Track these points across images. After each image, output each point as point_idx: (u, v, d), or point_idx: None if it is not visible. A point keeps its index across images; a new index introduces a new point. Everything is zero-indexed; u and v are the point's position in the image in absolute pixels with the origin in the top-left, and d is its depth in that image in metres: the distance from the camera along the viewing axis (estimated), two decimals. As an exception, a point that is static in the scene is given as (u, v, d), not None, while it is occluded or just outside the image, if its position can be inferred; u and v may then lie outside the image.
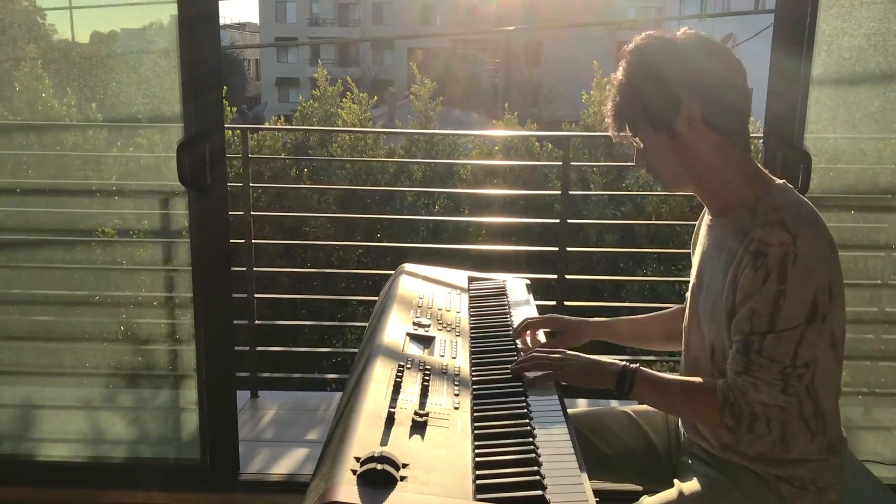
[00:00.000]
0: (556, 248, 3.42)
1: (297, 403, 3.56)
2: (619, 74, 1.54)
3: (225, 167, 2.56)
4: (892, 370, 2.87)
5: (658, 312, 1.93)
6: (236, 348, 3.32)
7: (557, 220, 3.41)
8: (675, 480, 1.61)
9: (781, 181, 1.54)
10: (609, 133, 1.59)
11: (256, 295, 3.58)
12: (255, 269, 3.55)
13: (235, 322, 4.10)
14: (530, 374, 1.60)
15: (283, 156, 6.25)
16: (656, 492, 1.63)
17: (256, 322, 3.62)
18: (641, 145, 1.57)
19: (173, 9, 2.40)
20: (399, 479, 1.18)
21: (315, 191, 6.35)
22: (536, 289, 2.34)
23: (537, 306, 2.13)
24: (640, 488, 1.88)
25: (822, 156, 2.50)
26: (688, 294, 1.68)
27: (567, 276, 3.41)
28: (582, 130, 7.20)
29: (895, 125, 2.55)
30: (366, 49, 46.35)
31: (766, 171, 1.56)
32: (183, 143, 2.44)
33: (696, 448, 1.66)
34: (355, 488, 1.15)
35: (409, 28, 43.60)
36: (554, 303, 3.42)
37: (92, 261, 2.73)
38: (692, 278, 1.68)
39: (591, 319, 1.96)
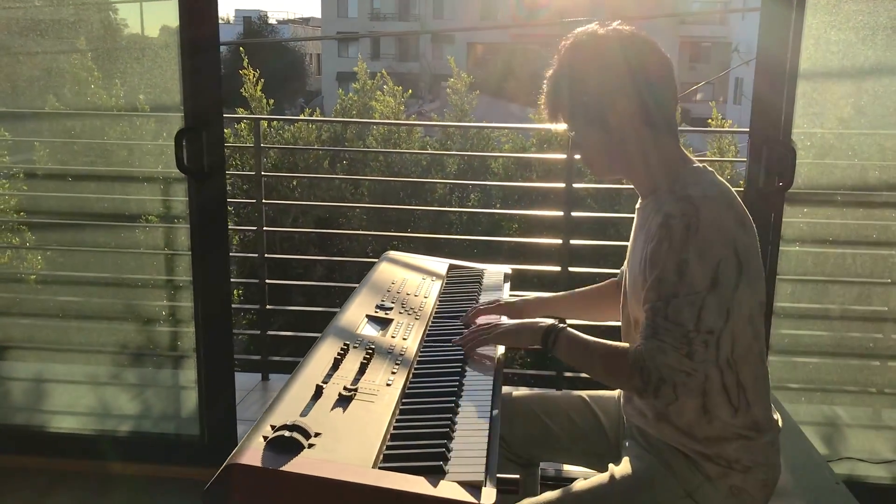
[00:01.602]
0: (561, 241, 3.44)
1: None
2: (554, 68, 1.61)
3: (223, 155, 2.66)
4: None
5: (595, 286, 1.99)
6: (249, 332, 3.44)
7: (562, 213, 3.43)
8: (610, 465, 1.65)
9: (702, 164, 1.60)
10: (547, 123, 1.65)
11: (268, 280, 3.69)
12: (266, 255, 3.66)
13: (248, 306, 4.22)
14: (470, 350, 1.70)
15: (302, 144, 6.35)
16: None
17: (267, 307, 3.73)
18: (574, 135, 1.63)
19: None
20: (307, 446, 1.24)
21: (349, 182, 6.46)
22: (543, 280, 2.39)
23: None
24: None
25: (810, 151, 2.48)
26: (623, 272, 1.73)
27: (571, 269, 3.43)
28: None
29: (885, 120, 2.51)
30: (426, 44, 46.52)
31: (691, 156, 1.62)
32: (181, 132, 2.55)
33: (634, 430, 1.70)
34: (261, 453, 1.22)
35: (469, 23, 43.57)
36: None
37: (99, 244, 2.86)
38: (626, 260, 1.73)
39: (533, 297, 2.02)
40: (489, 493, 1.19)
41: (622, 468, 1.61)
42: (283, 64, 37.39)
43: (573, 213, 3.42)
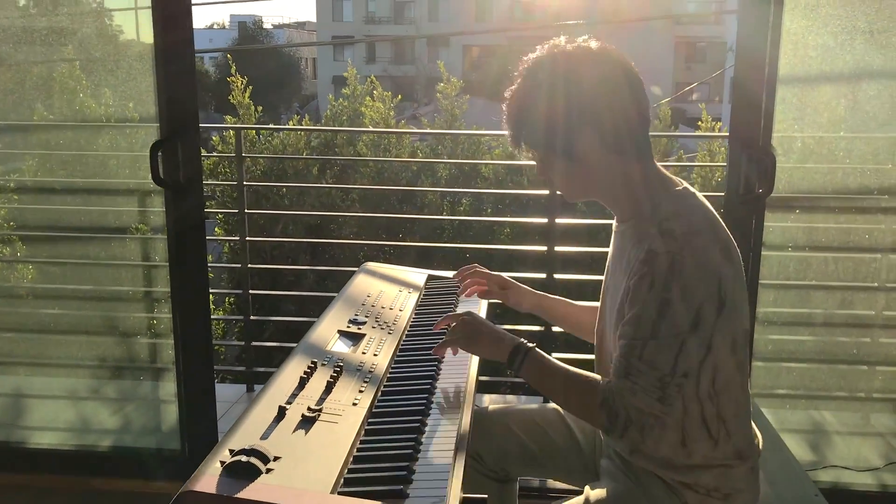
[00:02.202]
0: (546, 248, 3.42)
1: (293, 397, 3.62)
2: (515, 95, 1.53)
3: (199, 167, 2.64)
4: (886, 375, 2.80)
5: (588, 304, 1.94)
6: (233, 343, 3.42)
7: (546, 220, 3.41)
8: (587, 487, 1.62)
9: (681, 187, 1.53)
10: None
11: (251, 291, 3.67)
12: (249, 265, 3.63)
13: (231, 318, 4.19)
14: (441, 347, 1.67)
15: (282, 154, 6.33)
16: (580, 489, 1.65)
17: (252, 317, 3.71)
18: (540, 165, 1.57)
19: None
20: (265, 471, 1.22)
21: (339, 189, 6.44)
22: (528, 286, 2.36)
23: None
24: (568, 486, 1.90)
25: (790, 155, 2.46)
26: (600, 296, 1.69)
27: (555, 276, 3.41)
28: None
29: (864, 124, 2.49)
30: (421, 47, 46.53)
31: (671, 176, 1.55)
32: (156, 144, 2.52)
33: (612, 452, 1.66)
34: (216, 479, 1.20)
35: (464, 25, 43.58)
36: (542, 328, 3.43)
37: (76, 256, 2.84)
38: (602, 285, 1.69)
39: (536, 292, 1.98)
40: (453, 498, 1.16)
41: (598, 493, 1.58)
42: (278, 68, 37.44)
43: (557, 221, 3.40)
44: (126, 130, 2.71)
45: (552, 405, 1.88)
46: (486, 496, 1.74)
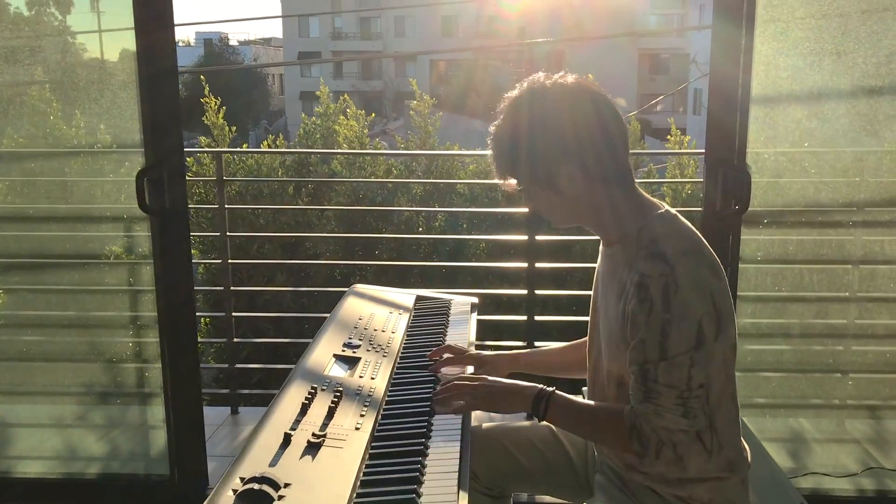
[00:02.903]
0: (526, 264, 3.47)
1: (277, 419, 3.63)
2: (497, 125, 1.59)
3: (184, 193, 2.65)
4: (859, 382, 2.88)
5: (567, 344, 1.99)
6: (216, 365, 3.43)
7: (526, 237, 3.46)
8: None
9: (663, 209, 1.59)
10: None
11: (234, 313, 3.68)
12: (232, 287, 3.64)
13: (215, 340, 4.18)
14: (447, 408, 1.63)
15: (263, 174, 6.34)
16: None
17: (235, 340, 3.71)
18: (524, 193, 1.62)
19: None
20: (277, 498, 1.25)
21: (314, 209, 6.44)
22: (510, 304, 2.41)
23: (505, 321, 2.18)
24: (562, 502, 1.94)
25: (764, 172, 2.54)
26: (589, 320, 1.73)
27: (536, 291, 3.46)
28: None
29: (833, 141, 2.58)
30: (388, 62, 46.70)
31: (652, 199, 1.61)
32: (142, 171, 2.54)
33: (606, 467, 1.71)
34: (231, 506, 1.22)
35: (431, 40, 43.85)
36: (525, 318, 3.48)
37: (61, 283, 2.84)
38: (591, 304, 1.74)
39: (506, 353, 2.00)
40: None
41: None
42: (245, 84, 37.30)
43: (537, 238, 3.45)
44: (113, 157, 2.72)
45: (544, 423, 1.93)
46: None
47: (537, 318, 3.48)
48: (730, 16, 2.38)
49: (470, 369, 1.89)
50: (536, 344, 3.44)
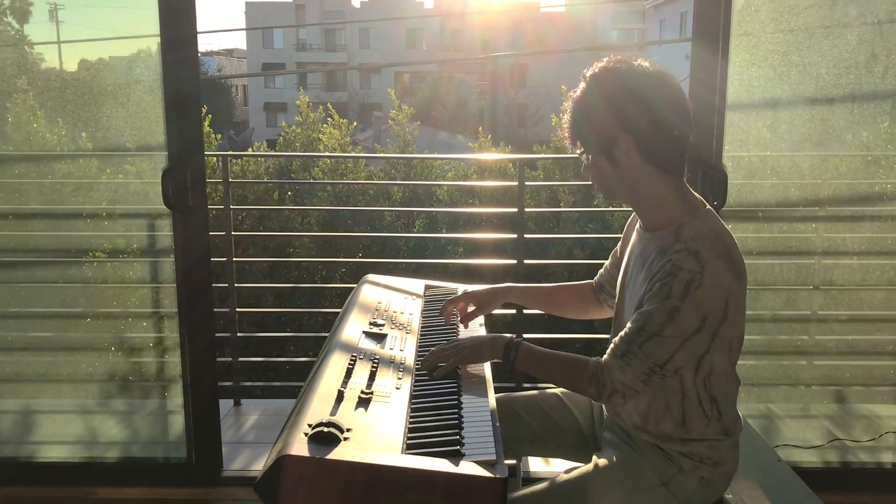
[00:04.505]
0: (515, 261, 3.71)
1: (278, 410, 3.81)
2: (577, 95, 1.76)
3: (205, 191, 2.83)
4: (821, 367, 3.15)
5: (568, 284, 2.24)
6: (220, 359, 3.60)
7: (515, 236, 3.69)
8: (594, 456, 1.88)
9: (708, 207, 1.77)
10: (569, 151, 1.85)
11: (238, 309, 3.86)
12: (236, 285, 3.82)
13: (219, 335, 4.35)
14: (437, 372, 1.87)
15: (264, 179, 6.54)
16: (578, 466, 1.91)
17: (238, 335, 3.89)
18: (586, 162, 1.81)
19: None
20: (343, 439, 1.45)
21: (298, 213, 6.64)
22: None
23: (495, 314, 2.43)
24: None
25: (739, 172, 2.80)
26: (618, 286, 1.94)
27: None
28: (553, 152, 7.57)
29: (800, 144, 2.85)
30: (353, 74, 46.87)
31: (697, 195, 1.79)
32: (167, 170, 2.72)
33: (615, 426, 1.93)
34: (306, 445, 1.43)
35: (395, 52, 44.15)
36: (514, 311, 3.71)
37: (86, 279, 3.00)
38: (620, 273, 1.94)
39: (500, 286, 2.25)
40: (503, 468, 1.42)
41: (605, 460, 1.83)
42: (209, 95, 37.18)
43: (526, 236, 3.69)
44: (137, 159, 2.90)
45: (551, 391, 2.15)
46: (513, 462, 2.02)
47: (525, 311, 3.70)
48: (708, 30, 2.65)
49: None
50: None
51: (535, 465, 3.05)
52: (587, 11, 42.87)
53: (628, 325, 1.70)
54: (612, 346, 1.72)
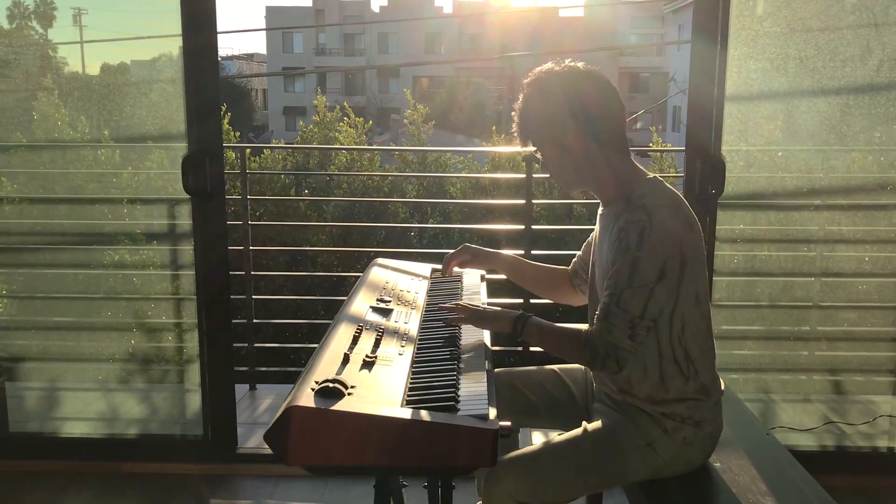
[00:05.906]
0: (522, 252, 3.81)
1: (292, 394, 3.92)
2: (520, 102, 1.96)
3: (223, 177, 2.97)
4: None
5: (549, 266, 2.38)
6: (236, 345, 3.73)
7: (523, 227, 3.80)
8: (583, 423, 1.99)
9: (653, 175, 1.94)
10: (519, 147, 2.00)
11: (254, 296, 3.98)
12: (252, 272, 3.95)
13: (235, 321, 4.48)
14: (453, 321, 2.05)
15: (278, 170, 6.69)
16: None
17: (254, 321, 4.02)
18: (541, 157, 1.99)
19: (177, 41, 2.82)
20: (347, 394, 1.57)
21: (314, 207, 6.79)
22: (504, 286, 2.75)
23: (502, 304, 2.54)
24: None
25: (738, 164, 2.89)
26: (589, 268, 2.08)
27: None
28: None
29: (797, 136, 2.94)
30: (371, 78, 47.16)
31: (641, 168, 1.97)
32: (187, 157, 2.86)
33: (602, 395, 2.04)
34: (313, 399, 1.54)
35: (414, 57, 44.36)
36: (521, 300, 3.81)
37: (109, 263, 3.14)
38: (590, 267, 2.10)
39: (492, 251, 2.44)
40: (494, 422, 1.52)
41: (594, 424, 1.95)
42: (229, 99, 37.50)
43: (533, 227, 3.79)
44: (158, 149, 3.04)
45: (549, 367, 2.26)
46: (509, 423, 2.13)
47: (532, 300, 3.81)
48: (707, 25, 2.74)
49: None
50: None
51: (536, 440, 3.15)
52: (605, 16, 42.92)
53: (604, 293, 1.83)
54: (597, 313, 1.84)
